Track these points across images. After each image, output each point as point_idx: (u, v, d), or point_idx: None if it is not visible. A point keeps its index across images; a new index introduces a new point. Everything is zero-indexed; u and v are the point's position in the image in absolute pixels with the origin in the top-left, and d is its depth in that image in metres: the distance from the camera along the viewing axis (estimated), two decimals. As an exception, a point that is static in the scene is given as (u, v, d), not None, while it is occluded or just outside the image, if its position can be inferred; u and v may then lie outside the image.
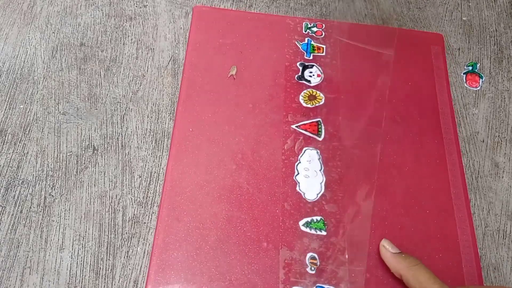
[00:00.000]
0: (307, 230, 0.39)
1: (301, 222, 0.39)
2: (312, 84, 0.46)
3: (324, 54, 0.48)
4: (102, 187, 0.40)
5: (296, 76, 0.46)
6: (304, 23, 0.50)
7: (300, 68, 0.47)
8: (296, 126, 0.43)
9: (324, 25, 0.50)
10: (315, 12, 0.52)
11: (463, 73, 0.50)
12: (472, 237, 0.40)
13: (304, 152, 0.42)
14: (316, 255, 0.37)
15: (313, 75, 0.47)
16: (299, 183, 0.41)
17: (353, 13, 0.52)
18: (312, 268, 0.37)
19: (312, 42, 0.49)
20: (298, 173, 0.41)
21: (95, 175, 0.40)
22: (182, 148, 0.41)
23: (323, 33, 0.49)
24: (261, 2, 0.52)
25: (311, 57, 0.48)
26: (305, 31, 0.49)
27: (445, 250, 0.39)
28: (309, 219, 0.39)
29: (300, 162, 0.42)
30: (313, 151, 0.42)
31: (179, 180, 0.40)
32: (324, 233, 0.39)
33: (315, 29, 0.50)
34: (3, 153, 0.40)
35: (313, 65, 0.47)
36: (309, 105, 0.45)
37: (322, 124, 0.44)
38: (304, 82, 0.46)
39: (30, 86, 0.44)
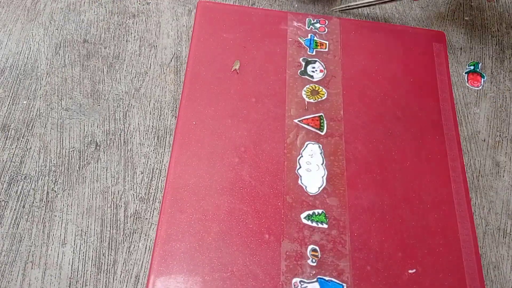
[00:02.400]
0: (309, 223, 0.39)
1: (303, 215, 0.39)
2: (314, 80, 0.46)
3: (327, 50, 0.48)
4: (105, 182, 0.40)
5: (299, 71, 0.47)
6: (307, 19, 0.50)
7: (303, 63, 0.47)
8: (299, 121, 0.44)
9: (327, 21, 0.50)
10: (317, 11, 0.52)
11: (465, 73, 0.50)
12: (473, 236, 0.40)
13: (306, 146, 0.42)
14: (317, 248, 0.38)
15: (316, 70, 0.47)
16: (301, 176, 0.41)
17: (355, 12, 0.52)
18: (313, 260, 0.37)
19: (315, 38, 0.49)
20: (300, 167, 0.41)
21: (97, 171, 0.40)
22: (185, 141, 0.41)
23: (326, 29, 0.50)
24: (263, 0, 0.52)
25: (314, 53, 0.48)
26: (308, 27, 0.49)
27: (445, 245, 0.39)
28: (310, 212, 0.39)
29: (302, 156, 0.42)
30: (315, 145, 0.43)
31: (182, 172, 0.40)
32: (325, 226, 0.39)
33: (318, 25, 0.50)
34: (6, 148, 0.41)
35: (316, 61, 0.47)
36: (311, 100, 0.45)
37: (324, 119, 0.44)
38: (307, 77, 0.46)
39: (33, 82, 0.44)
